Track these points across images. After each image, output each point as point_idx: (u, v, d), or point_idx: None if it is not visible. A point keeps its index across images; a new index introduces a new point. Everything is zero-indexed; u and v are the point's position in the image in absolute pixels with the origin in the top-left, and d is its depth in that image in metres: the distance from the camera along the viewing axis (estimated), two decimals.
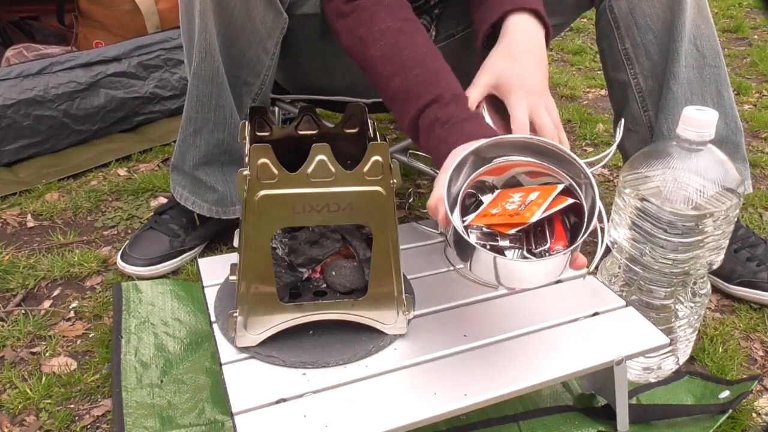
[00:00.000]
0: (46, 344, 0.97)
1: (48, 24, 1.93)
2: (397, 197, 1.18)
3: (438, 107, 0.79)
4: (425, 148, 0.82)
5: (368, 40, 0.85)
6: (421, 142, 0.82)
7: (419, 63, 0.82)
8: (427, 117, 0.79)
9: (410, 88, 0.81)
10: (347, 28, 0.88)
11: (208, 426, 0.82)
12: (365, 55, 0.86)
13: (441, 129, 0.77)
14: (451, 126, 0.77)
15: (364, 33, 0.86)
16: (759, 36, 2.71)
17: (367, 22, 0.86)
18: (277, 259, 0.77)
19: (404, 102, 0.82)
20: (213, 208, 1.13)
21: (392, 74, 0.83)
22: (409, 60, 0.83)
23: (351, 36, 0.88)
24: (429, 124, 0.79)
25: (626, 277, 0.89)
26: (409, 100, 0.81)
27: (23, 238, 1.25)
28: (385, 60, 0.84)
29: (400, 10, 0.87)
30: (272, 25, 0.98)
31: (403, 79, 0.82)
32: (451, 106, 0.78)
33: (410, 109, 0.81)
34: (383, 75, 0.84)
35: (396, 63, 0.83)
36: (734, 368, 0.94)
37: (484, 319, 0.78)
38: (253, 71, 1.03)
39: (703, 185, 0.78)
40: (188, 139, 1.08)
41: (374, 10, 0.86)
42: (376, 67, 0.85)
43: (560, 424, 0.83)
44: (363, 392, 0.68)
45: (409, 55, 0.83)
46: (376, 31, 0.85)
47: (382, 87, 0.85)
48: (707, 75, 1.02)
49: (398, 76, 0.82)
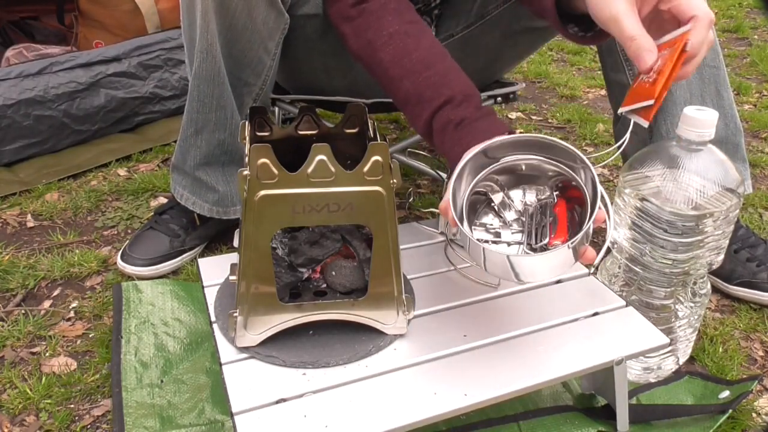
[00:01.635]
0: (46, 344, 0.97)
1: (48, 24, 1.93)
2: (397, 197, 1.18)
3: (450, 108, 0.80)
4: (440, 150, 0.82)
5: (377, 44, 0.86)
6: (436, 143, 0.82)
7: (429, 65, 0.83)
8: (440, 119, 0.80)
9: (422, 91, 0.82)
10: (355, 31, 0.89)
11: (208, 426, 0.82)
12: (374, 59, 0.86)
13: (454, 131, 0.78)
14: (464, 127, 0.78)
15: (372, 36, 0.86)
16: (759, 36, 2.71)
17: (375, 25, 0.87)
18: (277, 259, 0.77)
19: (416, 105, 0.83)
20: (213, 208, 1.13)
21: (402, 77, 0.84)
22: (418, 63, 0.83)
23: (359, 39, 0.88)
24: (442, 126, 0.80)
25: (626, 277, 0.89)
26: (421, 103, 0.82)
27: (23, 238, 1.25)
28: (394, 63, 0.84)
29: (406, 13, 0.88)
30: (273, 25, 0.98)
31: (413, 82, 0.83)
32: (463, 106, 0.79)
33: (423, 112, 0.82)
34: (393, 78, 0.85)
35: (406, 66, 0.84)
36: (734, 368, 0.94)
37: (484, 319, 0.78)
38: (255, 72, 1.03)
39: (703, 185, 0.78)
40: (189, 140, 1.08)
41: (381, 13, 0.87)
42: (386, 71, 0.85)
43: (560, 424, 0.83)
44: (363, 392, 0.68)
45: (419, 57, 0.84)
46: (385, 35, 0.85)
47: (393, 90, 0.86)
48: (706, 75, 1.02)
49: (408, 79, 0.83)
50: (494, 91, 1.25)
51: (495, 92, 1.25)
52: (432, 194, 1.43)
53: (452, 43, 1.14)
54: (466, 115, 0.79)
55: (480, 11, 1.12)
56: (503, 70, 1.32)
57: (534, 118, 1.91)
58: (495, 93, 1.24)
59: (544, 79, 2.22)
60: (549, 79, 2.21)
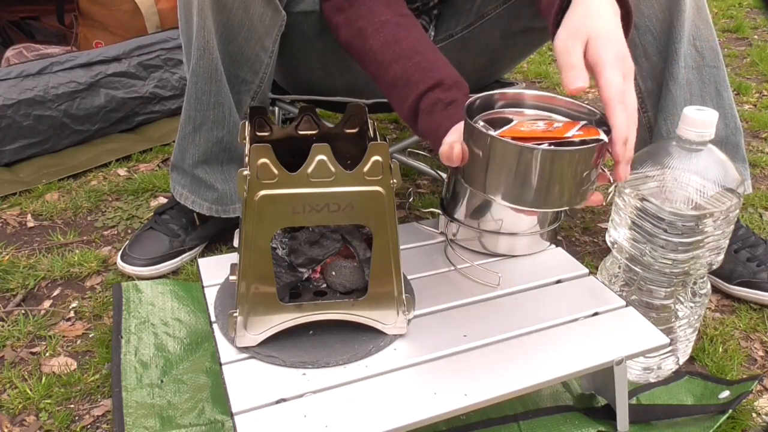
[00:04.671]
0: (46, 344, 0.97)
1: (48, 24, 1.93)
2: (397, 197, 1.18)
3: (440, 91, 0.80)
4: (424, 129, 0.81)
5: (367, 31, 0.87)
6: (421, 123, 0.81)
7: (419, 52, 0.84)
8: (429, 99, 0.80)
9: (411, 74, 0.82)
10: (346, 20, 0.90)
11: (208, 426, 0.82)
12: (364, 46, 0.87)
13: (444, 110, 0.78)
14: (455, 107, 0.78)
15: (363, 24, 0.87)
16: (759, 36, 2.71)
17: (366, 14, 0.88)
18: (277, 259, 0.77)
19: (404, 87, 0.83)
20: (212, 206, 1.13)
21: (391, 61, 0.84)
22: (408, 49, 0.84)
23: (350, 28, 0.89)
24: (430, 105, 0.79)
25: (626, 277, 0.89)
26: (409, 85, 0.82)
27: (23, 238, 1.25)
28: (384, 49, 0.85)
29: (397, 6, 0.89)
30: (270, 22, 0.99)
31: (403, 66, 0.83)
32: (453, 90, 0.79)
33: (411, 93, 0.82)
34: (382, 62, 0.85)
35: (395, 51, 0.84)
36: (734, 368, 0.94)
37: (484, 319, 0.78)
38: (252, 69, 1.03)
39: (703, 185, 0.78)
40: (187, 138, 1.08)
41: (373, 5, 0.88)
42: (375, 56, 0.86)
43: (560, 424, 0.83)
44: (363, 392, 0.68)
45: (408, 45, 0.84)
46: (376, 23, 0.86)
47: (381, 74, 0.86)
48: (706, 76, 1.02)
49: (398, 63, 0.83)
50: (494, 91, 1.25)
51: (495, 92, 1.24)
52: (432, 194, 1.43)
53: (452, 43, 1.14)
54: (457, 97, 0.79)
55: (479, 11, 1.12)
56: (503, 70, 1.32)
57: None
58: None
59: (544, 79, 2.22)
60: (549, 79, 2.21)
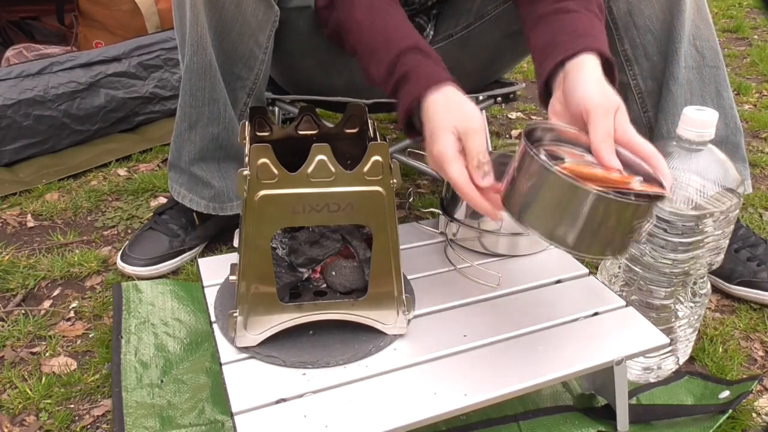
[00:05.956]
0: (46, 344, 0.97)
1: (48, 24, 1.93)
2: (397, 197, 1.18)
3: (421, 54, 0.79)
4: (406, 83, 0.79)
5: (355, 5, 0.87)
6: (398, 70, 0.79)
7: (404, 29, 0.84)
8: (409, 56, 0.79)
9: (390, 35, 0.83)
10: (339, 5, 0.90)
11: (208, 426, 0.82)
12: (350, 18, 0.88)
13: (429, 60, 0.79)
14: (437, 62, 0.79)
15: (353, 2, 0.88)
16: (759, 36, 2.71)
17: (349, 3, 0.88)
18: (277, 259, 0.77)
19: (386, 44, 0.82)
20: (210, 204, 1.13)
21: (372, 23, 0.85)
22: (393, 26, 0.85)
23: (342, 12, 0.90)
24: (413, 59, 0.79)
25: (626, 277, 0.89)
26: (389, 43, 0.82)
27: (23, 238, 1.25)
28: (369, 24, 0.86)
29: None
30: (263, 18, 0.99)
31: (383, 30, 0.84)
32: (435, 56, 0.80)
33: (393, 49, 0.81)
34: (363, 29, 0.85)
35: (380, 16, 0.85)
36: (734, 368, 0.94)
37: (484, 319, 0.78)
38: (247, 65, 1.03)
39: (703, 185, 0.78)
40: (183, 135, 1.08)
41: None
42: (360, 23, 0.86)
43: (560, 424, 0.83)
44: (363, 392, 0.68)
45: (394, 23, 0.85)
46: (365, 2, 0.87)
47: (364, 39, 0.86)
48: (707, 75, 1.02)
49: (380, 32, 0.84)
50: (494, 91, 1.25)
51: (495, 92, 1.24)
52: (432, 194, 1.43)
53: (452, 42, 1.14)
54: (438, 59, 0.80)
55: (479, 11, 1.12)
56: (503, 69, 1.32)
57: (534, 118, 1.91)
58: (495, 93, 1.24)
59: None
60: None
